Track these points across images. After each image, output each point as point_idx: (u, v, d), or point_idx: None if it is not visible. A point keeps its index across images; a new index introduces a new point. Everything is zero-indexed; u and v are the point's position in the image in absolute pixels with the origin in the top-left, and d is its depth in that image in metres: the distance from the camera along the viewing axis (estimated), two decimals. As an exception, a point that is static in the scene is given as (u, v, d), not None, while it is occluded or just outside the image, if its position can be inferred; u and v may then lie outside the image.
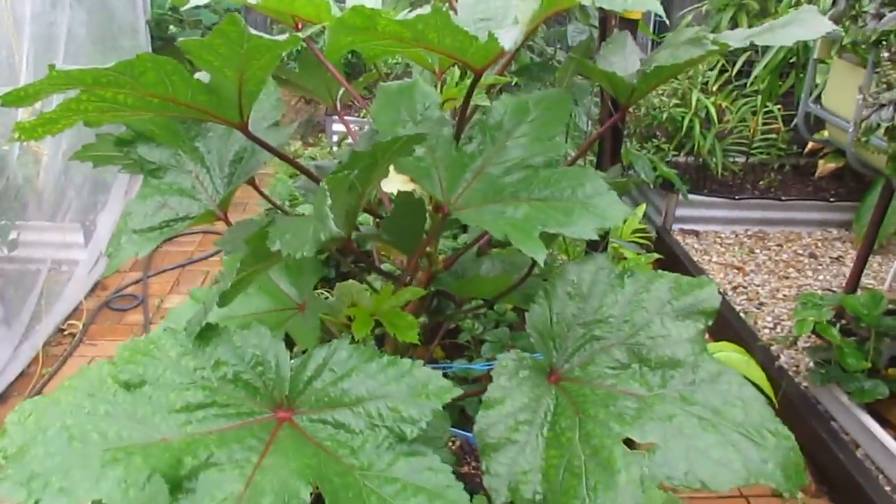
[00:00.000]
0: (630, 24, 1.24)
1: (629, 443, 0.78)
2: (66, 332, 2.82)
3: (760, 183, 3.53)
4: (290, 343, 0.85)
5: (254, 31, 0.71)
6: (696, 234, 3.34)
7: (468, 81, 1.09)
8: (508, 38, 0.68)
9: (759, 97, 3.12)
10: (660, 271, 0.93)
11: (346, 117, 1.32)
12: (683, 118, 3.11)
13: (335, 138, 4.62)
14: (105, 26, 3.33)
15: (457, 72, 1.12)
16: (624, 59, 1.18)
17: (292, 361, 0.72)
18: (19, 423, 0.76)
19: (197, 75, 0.83)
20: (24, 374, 2.54)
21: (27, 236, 2.70)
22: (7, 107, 0.75)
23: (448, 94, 1.06)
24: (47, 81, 0.72)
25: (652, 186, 3.09)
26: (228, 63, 0.79)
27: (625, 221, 2.29)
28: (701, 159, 3.30)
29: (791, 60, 2.86)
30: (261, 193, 1.09)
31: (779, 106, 3.30)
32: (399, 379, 0.69)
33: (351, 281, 1.09)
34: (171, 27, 5.82)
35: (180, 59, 0.79)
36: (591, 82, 1.43)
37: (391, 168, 0.98)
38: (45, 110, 0.81)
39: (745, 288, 2.85)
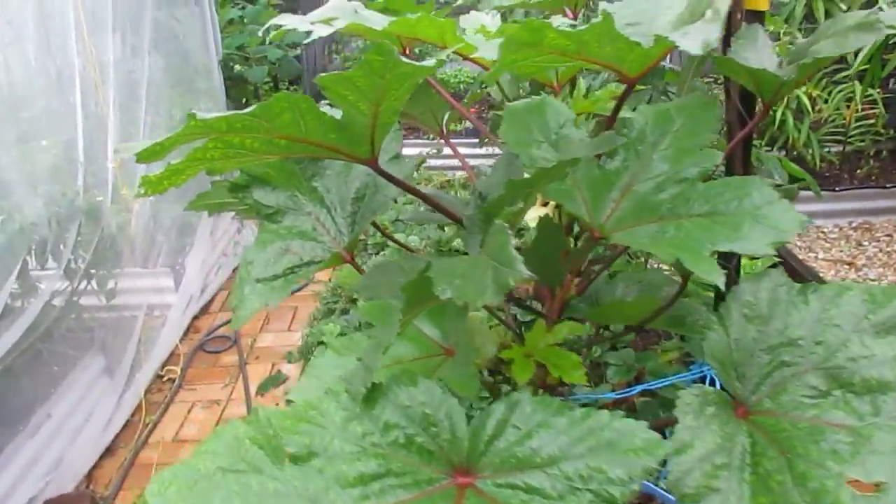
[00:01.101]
0: (758, 17, 1.14)
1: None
2: (164, 378, 2.84)
3: (858, 172, 3.33)
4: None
5: (403, 58, 0.65)
6: (796, 230, 3.16)
7: (598, 93, 1.01)
8: (696, 42, 0.59)
9: (856, 83, 2.94)
10: (846, 282, 0.83)
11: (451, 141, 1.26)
12: (775, 111, 2.96)
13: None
14: (181, 69, 3.39)
15: (581, 84, 1.05)
16: (758, 54, 1.08)
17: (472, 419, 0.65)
18: (161, 494, 0.70)
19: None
20: (129, 424, 2.56)
21: (123, 283, 2.73)
22: (142, 163, 0.71)
23: (579, 108, 0.98)
24: (186, 131, 0.68)
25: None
26: (365, 96, 0.73)
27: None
28: (795, 152, 3.13)
29: (892, 42, 2.69)
30: (382, 231, 1.03)
31: (877, 90, 3.11)
32: (597, 433, 0.61)
33: (472, 313, 1.02)
34: (237, 66, 5.95)
35: (253, 97, 0.74)
36: (708, 83, 1.33)
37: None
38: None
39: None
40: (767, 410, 0.77)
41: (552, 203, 1.02)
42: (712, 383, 1.48)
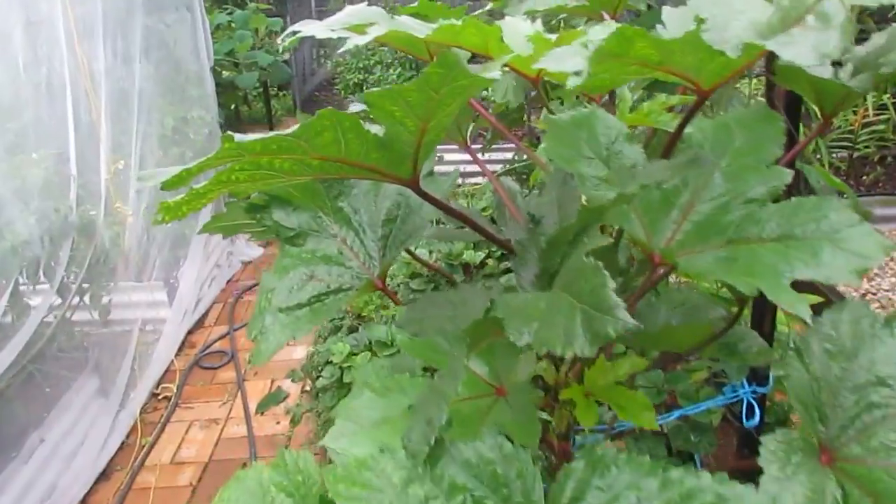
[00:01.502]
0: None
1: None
2: (160, 397, 2.75)
3: (864, 178, 3.29)
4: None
5: (468, 67, 0.58)
6: (802, 238, 3.11)
7: (648, 105, 0.94)
8: (804, 52, 0.52)
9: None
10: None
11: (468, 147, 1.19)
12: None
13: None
14: (173, 77, 3.29)
15: (628, 95, 0.97)
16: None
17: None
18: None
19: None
20: (124, 446, 2.46)
21: (117, 298, 2.64)
22: (168, 190, 0.64)
23: (630, 120, 0.91)
24: (221, 155, 0.60)
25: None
26: (414, 111, 0.66)
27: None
28: (804, 158, 3.08)
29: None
30: (415, 258, 0.96)
31: (887, 95, 3.07)
32: (696, 497, 0.53)
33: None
34: (226, 72, 5.86)
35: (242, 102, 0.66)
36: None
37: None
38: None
39: (874, 295, 2.62)
40: (856, 457, 0.70)
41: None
42: (749, 408, 1.41)
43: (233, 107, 6.57)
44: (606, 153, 0.86)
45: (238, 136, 0.57)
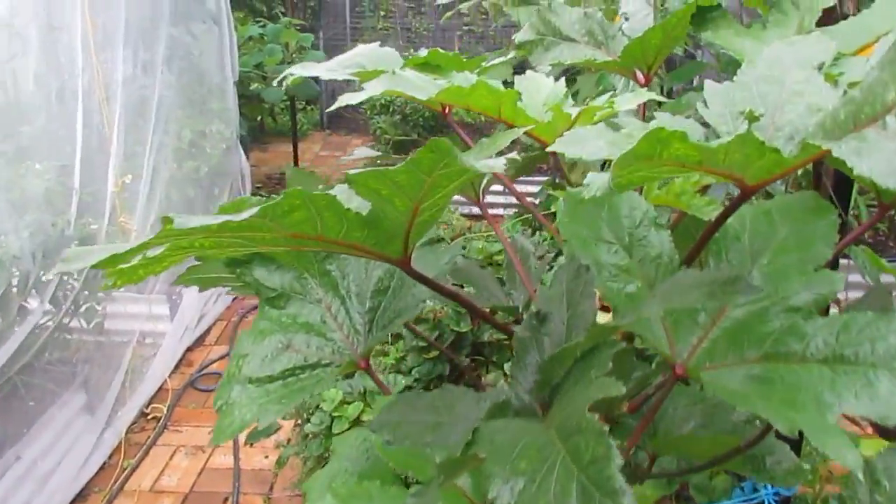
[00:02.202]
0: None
1: None
2: (149, 416, 2.65)
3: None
4: None
5: (463, 158, 0.48)
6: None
7: (680, 184, 0.84)
8: (881, 168, 0.42)
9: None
10: None
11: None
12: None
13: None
14: (194, 89, 3.24)
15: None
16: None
17: None
18: None
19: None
20: (105, 467, 2.37)
21: (114, 308, 2.56)
22: (103, 268, 0.54)
23: (657, 200, 0.81)
24: (159, 238, 0.50)
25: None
26: (404, 192, 0.56)
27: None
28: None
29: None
30: (417, 333, 0.86)
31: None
32: None
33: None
34: (254, 84, 5.82)
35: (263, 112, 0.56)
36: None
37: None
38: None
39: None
40: None
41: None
42: (771, 509, 1.29)
43: (258, 119, 6.54)
44: (629, 238, 0.75)
45: (178, 221, 0.48)
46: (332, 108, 0.69)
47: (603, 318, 0.83)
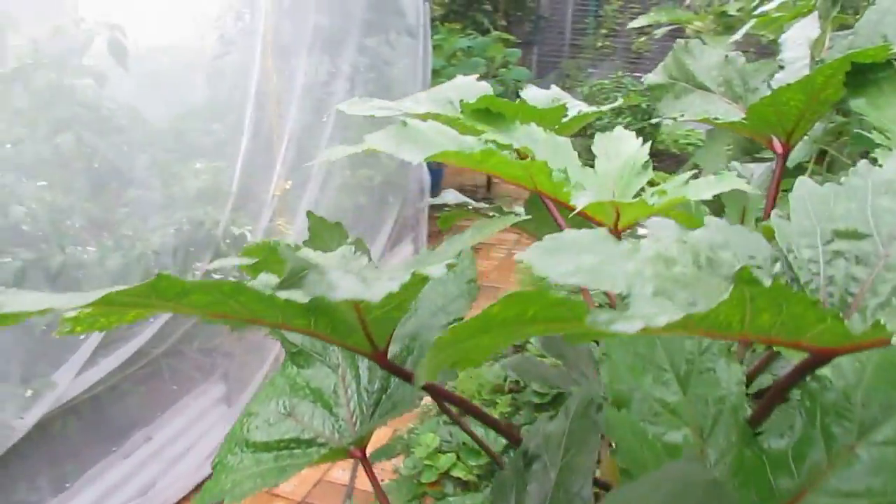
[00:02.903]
0: None
1: None
2: (285, 415, 2.70)
3: None
4: None
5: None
6: None
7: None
8: None
9: None
10: None
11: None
12: None
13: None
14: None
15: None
16: None
17: None
18: None
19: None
20: (235, 458, 2.43)
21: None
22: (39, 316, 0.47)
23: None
24: (95, 304, 0.42)
25: None
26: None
27: None
28: None
29: None
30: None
31: None
32: None
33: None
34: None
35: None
36: None
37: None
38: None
39: None
40: None
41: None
42: None
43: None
44: (687, 369, 0.57)
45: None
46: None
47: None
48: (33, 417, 1.54)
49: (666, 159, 5.73)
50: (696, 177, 0.59)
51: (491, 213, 1.00)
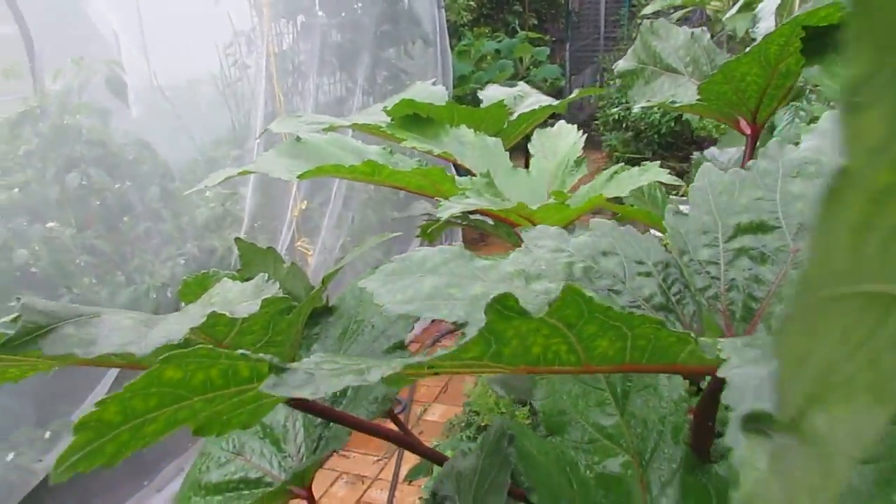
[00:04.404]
0: None
1: None
2: (325, 436, 2.68)
3: None
4: None
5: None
6: None
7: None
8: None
9: None
10: None
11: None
12: None
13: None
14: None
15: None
16: None
17: None
18: None
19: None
20: (274, 482, 2.42)
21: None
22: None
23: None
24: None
25: None
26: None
27: None
28: None
29: None
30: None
31: None
32: None
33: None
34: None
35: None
36: None
37: None
38: None
39: None
40: None
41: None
42: None
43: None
44: (624, 387, 0.51)
45: None
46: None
47: None
48: (53, 458, 1.54)
49: (708, 145, 5.55)
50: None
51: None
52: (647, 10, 2.43)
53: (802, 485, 0.14)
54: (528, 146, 0.63)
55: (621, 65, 0.91)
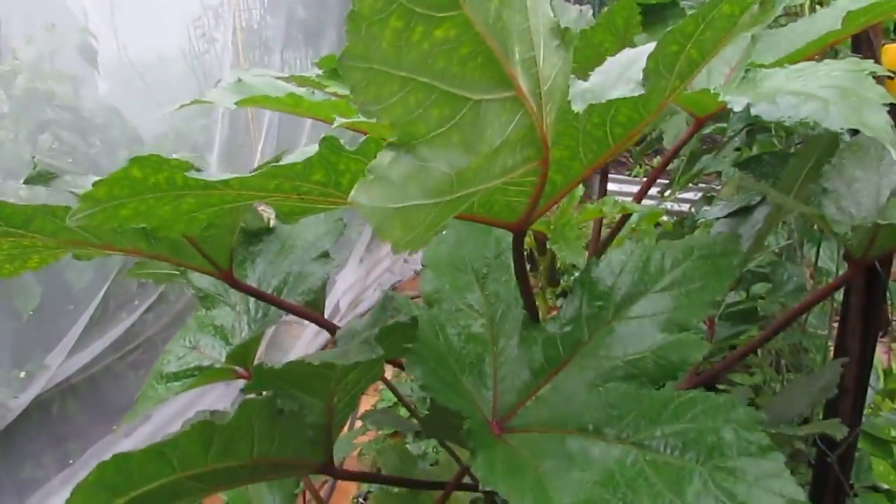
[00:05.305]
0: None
1: None
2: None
3: None
4: None
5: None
6: None
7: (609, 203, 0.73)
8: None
9: None
10: None
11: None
12: None
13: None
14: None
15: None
16: (876, 177, 0.73)
17: None
18: None
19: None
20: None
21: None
22: None
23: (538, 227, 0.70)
24: None
25: None
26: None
27: None
28: None
29: None
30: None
31: None
32: None
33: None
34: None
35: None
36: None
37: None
38: None
39: None
40: None
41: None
42: None
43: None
44: (485, 272, 0.67)
45: None
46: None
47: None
48: (28, 397, 1.67)
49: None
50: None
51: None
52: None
53: (413, 181, 0.30)
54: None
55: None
